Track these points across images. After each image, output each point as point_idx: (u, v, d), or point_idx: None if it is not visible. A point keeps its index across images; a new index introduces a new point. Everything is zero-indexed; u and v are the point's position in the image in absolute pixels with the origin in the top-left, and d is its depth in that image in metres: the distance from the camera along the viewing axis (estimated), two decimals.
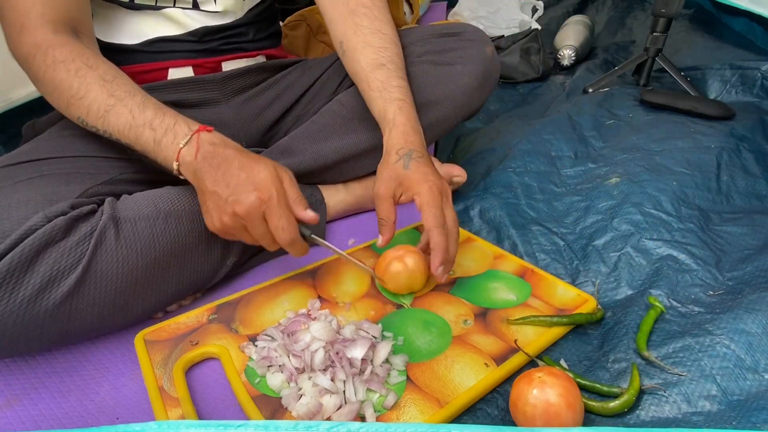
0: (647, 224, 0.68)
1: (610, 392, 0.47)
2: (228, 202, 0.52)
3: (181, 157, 0.54)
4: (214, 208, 0.54)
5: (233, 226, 0.54)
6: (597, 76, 1.30)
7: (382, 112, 0.64)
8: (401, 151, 0.59)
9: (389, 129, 0.62)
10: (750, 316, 0.50)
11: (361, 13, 0.69)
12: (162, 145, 0.55)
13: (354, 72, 0.69)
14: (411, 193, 0.57)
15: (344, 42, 0.69)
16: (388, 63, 0.66)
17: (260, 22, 0.80)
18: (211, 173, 0.53)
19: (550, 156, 0.91)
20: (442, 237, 0.54)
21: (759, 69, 1.05)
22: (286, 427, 0.31)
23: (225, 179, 0.53)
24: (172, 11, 0.71)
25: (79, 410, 0.50)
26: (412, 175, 0.57)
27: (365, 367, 0.48)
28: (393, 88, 0.64)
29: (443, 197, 0.57)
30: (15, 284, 0.47)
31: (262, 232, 0.54)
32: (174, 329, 0.57)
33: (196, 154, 0.54)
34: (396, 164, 0.59)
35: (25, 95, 1.04)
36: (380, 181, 0.59)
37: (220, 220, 0.54)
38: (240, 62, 0.78)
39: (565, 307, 0.58)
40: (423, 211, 0.56)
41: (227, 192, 0.52)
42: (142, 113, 0.55)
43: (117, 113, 0.56)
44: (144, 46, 0.71)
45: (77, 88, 0.56)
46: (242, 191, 0.52)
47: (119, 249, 0.53)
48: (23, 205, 0.51)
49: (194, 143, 0.54)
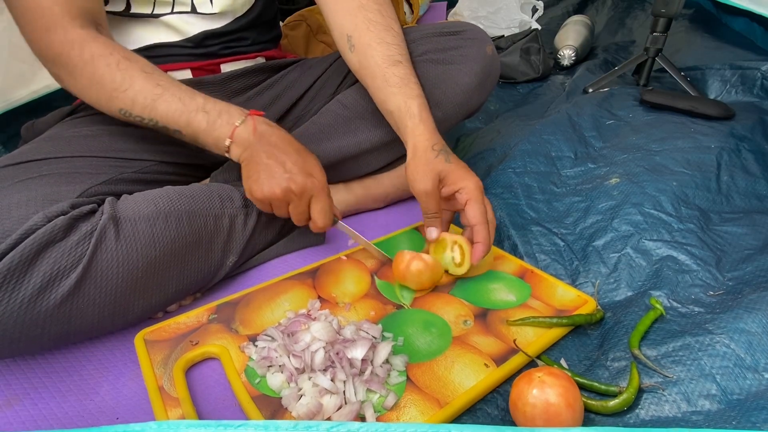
0: (647, 225, 0.68)
1: (610, 391, 0.47)
2: (284, 177, 0.59)
3: (236, 134, 0.60)
4: (267, 178, 0.59)
5: (279, 198, 0.60)
6: (597, 76, 1.30)
7: (404, 107, 0.64)
8: (436, 146, 0.61)
9: (415, 124, 0.63)
10: (750, 315, 0.50)
11: (373, 8, 0.68)
12: (216, 125, 0.60)
13: (366, 67, 0.68)
14: (456, 187, 0.59)
15: (354, 36, 0.68)
16: (404, 60, 0.66)
17: (260, 25, 0.80)
18: (268, 148, 0.60)
19: (550, 156, 0.91)
20: (486, 232, 0.58)
21: (759, 69, 1.05)
22: (286, 427, 0.31)
23: (282, 157, 0.59)
24: (170, 18, 0.70)
25: (79, 410, 0.50)
26: (457, 170, 0.60)
27: (365, 368, 0.48)
28: (413, 84, 0.65)
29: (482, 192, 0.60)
30: (15, 284, 0.47)
31: (303, 210, 0.62)
32: (174, 329, 0.57)
33: (254, 131, 0.60)
34: (437, 159, 0.60)
35: (25, 95, 1.04)
36: (423, 176, 0.60)
37: (270, 190, 0.59)
38: (239, 64, 0.78)
39: (564, 308, 0.58)
40: (469, 206, 0.58)
41: (283, 168, 0.59)
42: (192, 99, 0.60)
43: (166, 101, 0.59)
44: (141, 51, 0.71)
45: (120, 81, 0.58)
46: (300, 172, 0.59)
47: (119, 249, 0.53)
48: (23, 205, 0.51)
49: (251, 122, 0.60)
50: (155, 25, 0.70)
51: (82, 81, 0.59)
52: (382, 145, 0.77)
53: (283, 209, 0.62)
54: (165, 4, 0.69)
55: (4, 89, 1.01)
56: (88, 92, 0.60)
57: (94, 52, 0.58)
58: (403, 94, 0.64)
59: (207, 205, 0.61)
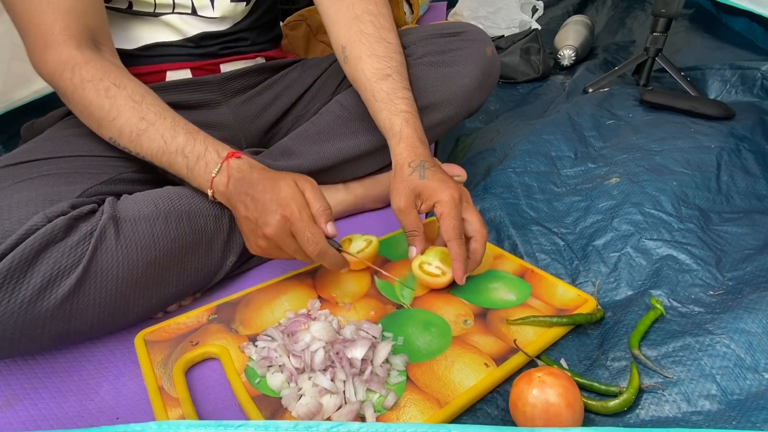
0: (647, 224, 0.68)
1: (610, 391, 0.47)
2: (258, 225, 0.54)
3: (214, 186, 0.57)
4: (250, 233, 0.56)
5: (269, 247, 0.55)
6: (597, 76, 1.30)
7: (388, 124, 0.63)
8: (413, 163, 0.59)
9: (396, 142, 0.62)
10: (750, 315, 0.50)
11: (367, 20, 0.67)
12: (195, 172, 0.57)
13: (356, 80, 0.68)
14: (432, 201, 0.57)
15: (347, 48, 0.68)
16: (393, 74, 0.66)
17: (260, 27, 0.80)
18: (242, 199, 0.55)
19: (550, 156, 0.91)
20: (457, 248, 0.55)
21: (759, 69, 1.05)
22: (286, 427, 0.31)
23: (253, 203, 0.54)
24: (171, 18, 0.70)
25: (79, 410, 0.50)
26: (431, 184, 0.57)
27: (365, 368, 0.48)
28: (399, 99, 0.64)
29: (464, 201, 0.58)
30: (16, 284, 0.47)
31: (295, 248, 0.55)
32: (174, 329, 0.57)
33: (227, 183, 0.56)
34: (411, 176, 0.59)
35: (26, 96, 1.05)
36: (399, 195, 0.59)
37: (256, 244, 0.56)
38: (238, 64, 0.78)
39: (565, 307, 0.58)
40: (442, 222, 0.56)
41: (256, 215, 0.54)
42: (173, 139, 0.57)
43: (149, 138, 0.57)
44: (141, 51, 0.71)
45: (108, 110, 0.57)
46: (268, 212, 0.53)
47: (119, 249, 0.53)
48: (24, 205, 0.51)
49: (225, 172, 0.56)
50: (156, 23, 0.70)
51: (74, 105, 0.59)
52: (382, 147, 0.77)
53: (283, 254, 0.57)
54: (166, 5, 0.69)
55: (5, 89, 1.01)
56: (82, 116, 0.60)
57: (84, 77, 0.57)
58: (387, 110, 0.64)
59: (207, 205, 0.61)
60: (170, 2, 0.69)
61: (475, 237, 0.57)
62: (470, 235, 0.58)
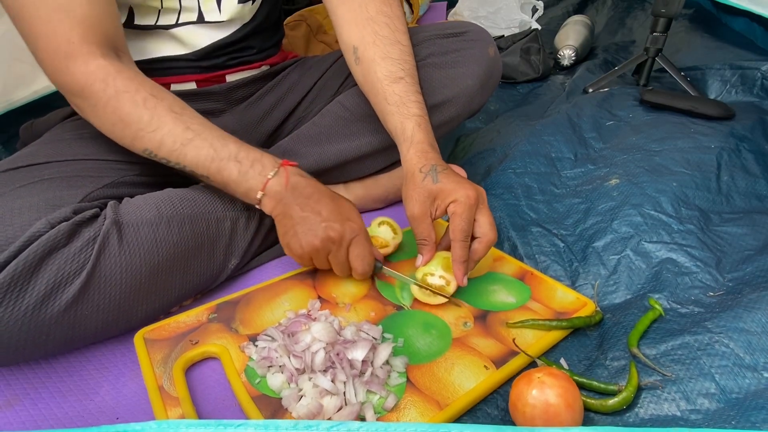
0: (647, 226, 0.68)
1: (609, 390, 0.47)
2: (321, 226, 0.57)
3: (268, 187, 0.58)
4: (305, 232, 0.57)
5: (318, 249, 0.58)
6: (597, 76, 1.30)
7: (399, 127, 0.62)
8: (424, 168, 0.58)
9: (407, 147, 0.61)
10: (749, 314, 0.50)
11: (382, 21, 0.66)
12: (248, 175, 0.58)
13: (368, 82, 0.67)
14: (448, 201, 0.56)
15: (359, 49, 0.66)
16: (406, 76, 0.64)
17: (266, 30, 0.79)
18: (302, 200, 0.58)
19: (550, 157, 0.91)
20: (462, 251, 0.55)
21: (759, 69, 1.05)
22: (285, 426, 0.31)
23: (317, 207, 0.58)
24: (178, 31, 0.68)
25: (79, 410, 0.50)
26: (446, 186, 0.57)
27: (366, 369, 0.49)
28: (411, 103, 0.63)
29: (479, 202, 0.57)
30: (20, 292, 0.47)
31: (342, 259, 0.59)
32: (174, 328, 0.57)
33: (286, 184, 0.58)
34: (424, 182, 0.57)
35: (26, 96, 1.04)
36: (413, 202, 0.58)
37: (308, 242, 0.57)
38: (244, 73, 0.78)
39: (564, 310, 0.58)
40: (452, 220, 0.55)
41: (320, 218, 0.57)
42: (224, 147, 0.58)
43: (196, 146, 0.57)
44: (146, 63, 0.68)
45: (148, 121, 0.56)
46: (336, 219, 0.57)
47: (122, 254, 0.52)
48: (26, 211, 0.50)
49: (283, 174, 0.58)
50: (161, 37, 0.68)
51: (105, 117, 0.56)
52: (383, 149, 0.77)
53: (323, 260, 0.59)
54: (170, 15, 0.67)
55: (5, 89, 1.01)
56: (112, 129, 0.57)
57: (119, 88, 0.55)
58: (399, 114, 0.62)
59: (209, 209, 0.61)
60: (176, 8, 0.67)
61: (480, 238, 0.57)
62: (477, 236, 0.57)
